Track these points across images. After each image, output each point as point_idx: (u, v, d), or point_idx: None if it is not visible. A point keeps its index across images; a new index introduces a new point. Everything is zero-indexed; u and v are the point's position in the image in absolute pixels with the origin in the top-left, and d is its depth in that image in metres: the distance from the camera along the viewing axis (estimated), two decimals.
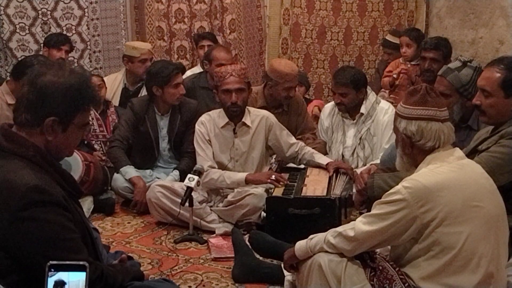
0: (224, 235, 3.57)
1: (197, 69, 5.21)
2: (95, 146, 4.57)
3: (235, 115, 3.84)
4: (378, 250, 2.35)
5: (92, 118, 4.56)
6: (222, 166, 3.87)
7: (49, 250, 1.78)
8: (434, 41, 4.50)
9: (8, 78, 4.23)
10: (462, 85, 3.22)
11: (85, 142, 4.55)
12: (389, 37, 5.45)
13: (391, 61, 5.21)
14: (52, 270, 1.57)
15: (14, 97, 4.19)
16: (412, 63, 4.92)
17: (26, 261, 1.80)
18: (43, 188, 1.82)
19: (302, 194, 3.50)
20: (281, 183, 3.65)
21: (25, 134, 1.92)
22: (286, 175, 3.79)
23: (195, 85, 4.83)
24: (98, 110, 4.64)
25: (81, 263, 1.57)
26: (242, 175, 3.77)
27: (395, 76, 4.90)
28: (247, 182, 3.74)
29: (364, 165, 4.04)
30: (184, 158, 4.29)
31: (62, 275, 1.56)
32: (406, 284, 2.15)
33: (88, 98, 1.98)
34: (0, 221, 1.79)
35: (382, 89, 5.08)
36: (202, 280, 3.03)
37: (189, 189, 3.48)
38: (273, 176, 3.68)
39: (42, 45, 5.02)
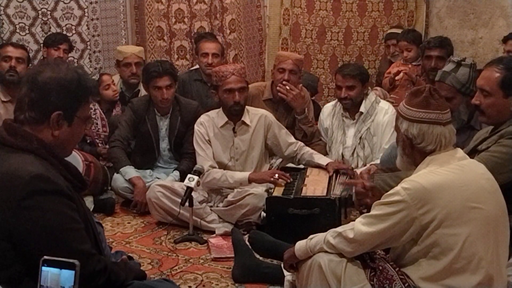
0: (224, 235, 3.57)
1: None
2: (99, 145, 4.59)
3: (236, 114, 3.85)
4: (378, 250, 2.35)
5: (97, 118, 4.58)
6: (222, 166, 3.87)
7: (52, 239, 1.78)
8: (438, 39, 4.50)
9: None
10: (462, 85, 3.22)
11: (88, 141, 4.56)
12: (392, 30, 5.48)
13: (398, 52, 5.19)
14: (45, 265, 1.58)
15: (7, 94, 4.25)
16: (413, 63, 4.92)
17: (29, 251, 1.79)
18: (47, 177, 1.82)
19: (302, 194, 3.50)
20: (284, 181, 3.66)
21: (27, 129, 1.93)
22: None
23: (190, 78, 4.95)
24: (104, 110, 4.67)
25: (71, 261, 1.57)
26: (244, 175, 3.77)
27: (392, 75, 4.90)
28: (250, 181, 3.75)
29: (364, 165, 4.05)
30: (184, 159, 4.28)
31: (54, 271, 1.57)
32: (406, 284, 2.15)
33: (88, 90, 2.01)
34: (4, 211, 1.79)
35: (375, 88, 5.07)
36: (202, 280, 3.03)
37: (189, 189, 3.48)
38: (276, 175, 3.69)
39: (42, 45, 5.02)
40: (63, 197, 1.84)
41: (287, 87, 4.24)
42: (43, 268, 1.59)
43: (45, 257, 1.60)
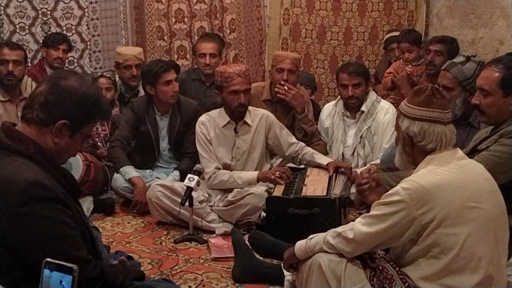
0: (224, 235, 3.57)
1: None
2: (98, 144, 4.59)
3: (240, 115, 3.85)
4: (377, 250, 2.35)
5: None
6: (224, 166, 3.88)
7: (48, 246, 1.78)
8: (440, 36, 4.56)
9: None
10: (465, 79, 3.22)
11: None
12: (390, 34, 5.48)
13: (397, 56, 5.20)
14: (47, 267, 1.58)
15: (6, 94, 4.24)
16: (414, 63, 4.92)
17: (26, 257, 1.80)
18: (43, 183, 1.82)
19: (302, 194, 3.50)
20: (285, 179, 3.67)
21: (32, 130, 1.94)
22: None
23: (189, 78, 4.98)
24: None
25: (69, 265, 1.58)
26: (253, 174, 3.78)
27: (395, 75, 4.90)
28: (259, 180, 3.76)
29: (364, 164, 4.05)
30: (184, 158, 4.29)
31: (54, 274, 1.57)
32: (406, 284, 2.15)
33: (101, 112, 2.06)
34: (0, 217, 1.79)
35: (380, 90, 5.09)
36: (202, 280, 3.03)
37: (189, 189, 3.48)
38: (278, 173, 3.69)
39: (41, 45, 5.02)
40: (59, 204, 1.85)
41: (286, 87, 4.24)
42: (45, 270, 1.59)
43: (47, 259, 1.60)
